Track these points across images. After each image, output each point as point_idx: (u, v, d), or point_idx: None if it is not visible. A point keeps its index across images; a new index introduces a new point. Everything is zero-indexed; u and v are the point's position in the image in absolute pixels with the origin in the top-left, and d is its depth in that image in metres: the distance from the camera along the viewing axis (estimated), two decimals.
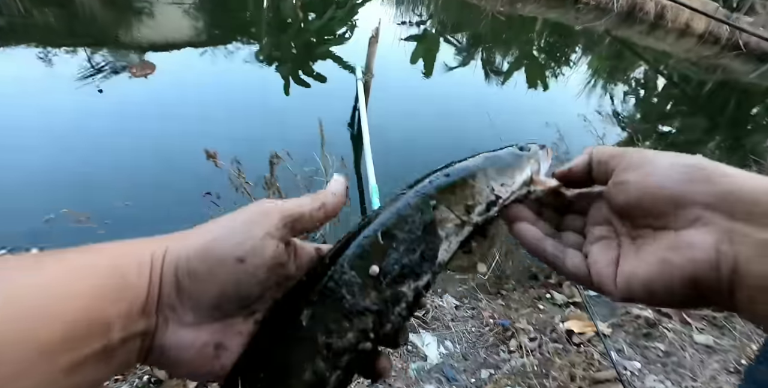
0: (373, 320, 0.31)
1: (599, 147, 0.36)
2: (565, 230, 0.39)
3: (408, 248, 0.33)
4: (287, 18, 6.69)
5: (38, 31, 5.08)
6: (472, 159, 0.40)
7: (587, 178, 0.37)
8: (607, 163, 0.34)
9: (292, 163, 2.00)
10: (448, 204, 0.36)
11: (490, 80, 5.70)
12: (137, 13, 5.95)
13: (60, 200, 2.45)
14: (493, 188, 0.37)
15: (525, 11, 9.01)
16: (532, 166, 0.40)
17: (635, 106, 6.11)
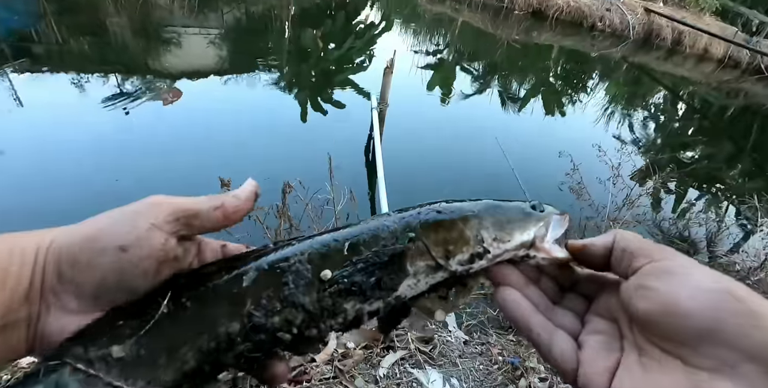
0: (303, 318, 0.30)
1: (627, 234, 0.33)
2: (562, 308, 0.35)
3: (367, 269, 0.31)
4: (308, 47, 6.93)
5: (73, 58, 5.40)
6: (474, 202, 0.36)
7: (604, 262, 0.33)
8: (633, 256, 0.31)
9: (304, 192, 2.03)
10: (427, 241, 0.33)
11: (506, 107, 5.73)
12: (166, 43, 6.27)
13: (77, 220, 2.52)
14: (483, 240, 0.34)
15: (541, 39, 9.13)
16: (539, 230, 0.35)
17: (655, 132, 6.03)
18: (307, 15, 8.56)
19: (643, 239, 0.32)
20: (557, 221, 0.37)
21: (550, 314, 0.34)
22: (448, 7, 10.54)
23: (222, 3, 8.50)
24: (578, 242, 0.35)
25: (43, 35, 6.10)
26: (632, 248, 0.31)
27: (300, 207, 2.07)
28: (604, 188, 2.55)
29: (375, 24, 8.72)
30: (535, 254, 0.35)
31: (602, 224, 2.36)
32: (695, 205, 4.10)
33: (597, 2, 10.04)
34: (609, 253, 0.33)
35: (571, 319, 0.34)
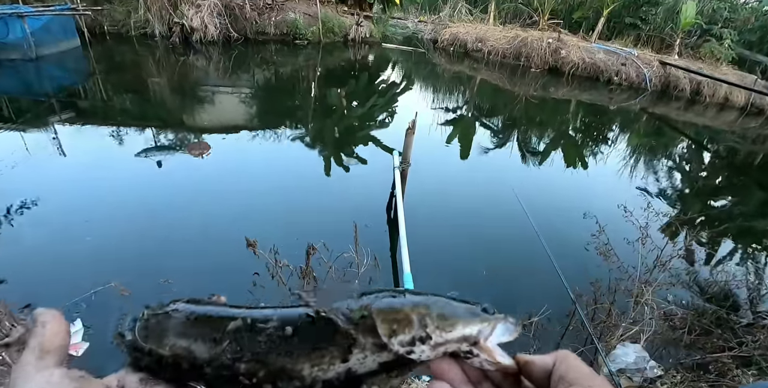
0: (264, 372, 0.35)
1: (569, 358, 0.34)
2: None
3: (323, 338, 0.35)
4: (332, 105, 7.28)
5: (114, 113, 5.82)
6: (432, 296, 0.39)
7: (544, 379, 0.34)
8: (569, 384, 0.32)
9: (327, 254, 2.05)
10: (376, 319, 0.35)
11: (527, 161, 5.78)
12: (200, 100, 6.71)
13: (110, 271, 2.61)
14: (426, 325, 0.36)
15: (558, 94, 9.36)
16: (483, 329, 0.37)
17: (681, 183, 5.92)
18: (332, 75, 9.08)
19: (581, 366, 0.33)
20: (506, 327, 0.38)
21: None
22: (466, 67, 11.04)
23: (254, 65, 9.14)
24: (525, 356, 0.36)
25: (89, 92, 6.66)
26: (569, 377, 0.32)
27: (323, 269, 2.09)
28: (633, 249, 2.48)
29: (396, 83, 9.16)
30: (478, 352, 0.36)
31: (633, 287, 2.28)
32: (731, 261, 3.92)
33: (612, 57, 10.34)
34: (549, 374, 0.34)
35: None
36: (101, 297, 2.42)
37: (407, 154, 3.17)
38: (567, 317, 2.17)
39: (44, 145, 4.59)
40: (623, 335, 2.17)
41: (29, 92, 6.40)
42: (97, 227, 3.25)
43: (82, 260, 2.88)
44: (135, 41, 9.25)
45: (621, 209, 2.62)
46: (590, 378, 0.32)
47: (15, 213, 3.37)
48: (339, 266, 1.99)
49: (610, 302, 2.24)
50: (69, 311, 2.38)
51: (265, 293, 2.09)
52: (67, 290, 2.44)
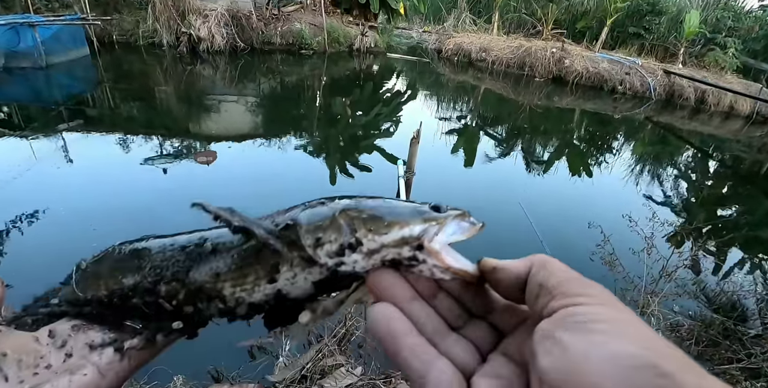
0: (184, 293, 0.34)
1: (549, 263, 0.27)
2: (461, 335, 0.29)
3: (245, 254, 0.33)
4: (337, 114, 7.33)
5: (122, 121, 5.89)
6: (364, 198, 0.34)
7: (516, 291, 0.28)
8: (550, 294, 0.25)
9: None
10: (299, 229, 0.31)
11: (531, 170, 5.78)
12: (206, 109, 6.78)
13: None
14: (356, 229, 0.30)
15: (562, 104, 9.38)
16: (428, 229, 0.30)
17: (687, 192, 5.90)
18: (337, 85, 9.16)
19: (567, 271, 0.26)
20: (458, 225, 0.31)
21: (440, 338, 0.28)
22: (470, 76, 11.10)
23: (260, 74, 9.24)
24: (491, 261, 0.29)
25: (98, 100, 6.76)
26: (550, 283, 0.25)
27: None
28: (638, 259, 2.47)
29: (401, 92, 9.22)
30: (425, 258, 0.29)
31: (639, 297, 2.26)
32: (739, 271, 3.89)
33: (616, 67, 10.38)
34: (524, 281, 0.27)
35: (467, 350, 0.27)
36: None
37: (412, 163, 3.19)
38: None
39: (52, 152, 4.64)
40: None
41: (39, 100, 6.50)
42: (102, 234, 3.27)
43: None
44: (143, 50, 9.39)
45: (626, 219, 2.62)
46: (581, 285, 0.25)
47: (22, 219, 3.40)
48: None
49: None
50: None
51: None
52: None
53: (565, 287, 0.25)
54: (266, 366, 1.94)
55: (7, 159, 4.43)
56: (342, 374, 1.62)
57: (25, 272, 2.84)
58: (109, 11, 9.29)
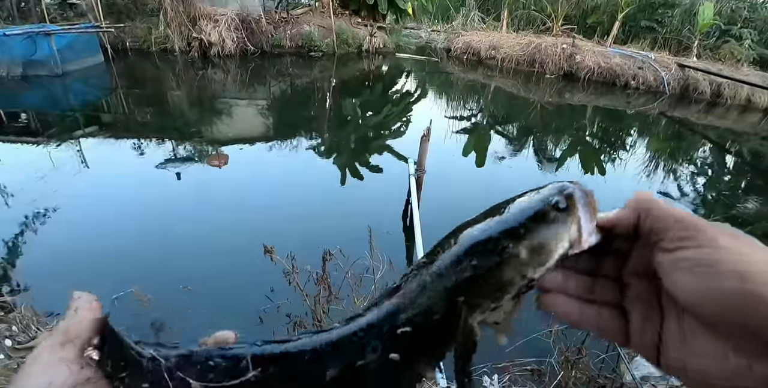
0: None
1: (654, 208, 0.29)
2: (601, 278, 0.33)
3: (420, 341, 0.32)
4: (347, 116, 7.36)
5: (136, 126, 5.99)
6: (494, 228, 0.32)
7: (633, 235, 0.31)
8: (663, 236, 0.28)
9: (344, 259, 2.06)
10: (472, 301, 0.31)
11: (543, 168, 5.72)
12: (218, 113, 6.86)
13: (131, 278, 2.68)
14: (525, 275, 0.31)
15: (574, 100, 9.27)
16: (572, 235, 0.31)
17: (704, 188, 5.78)
18: (347, 86, 9.19)
19: (677, 211, 0.28)
20: (585, 209, 0.32)
21: (591, 294, 0.32)
22: (480, 75, 11.04)
23: (270, 77, 9.32)
24: (605, 220, 0.32)
25: (112, 106, 6.89)
26: (657, 228, 0.28)
27: (339, 274, 2.10)
28: None
29: (410, 92, 9.22)
30: (573, 251, 0.32)
31: None
32: None
33: (628, 61, 10.22)
34: (634, 230, 0.30)
35: (611, 289, 0.32)
36: (122, 303, 2.47)
37: (422, 161, 3.18)
38: None
39: (69, 158, 4.74)
40: None
41: (55, 107, 6.65)
42: (118, 237, 3.33)
43: (104, 268, 2.96)
44: (155, 56, 9.54)
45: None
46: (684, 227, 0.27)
47: (39, 223, 3.48)
48: (355, 272, 1.99)
49: None
50: None
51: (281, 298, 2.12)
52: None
53: (672, 232, 0.27)
54: None
55: (26, 165, 4.54)
56: None
57: (42, 272, 2.91)
58: (122, 19, 9.46)
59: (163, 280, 2.86)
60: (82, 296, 0.34)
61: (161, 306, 2.55)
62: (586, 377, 1.88)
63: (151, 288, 2.56)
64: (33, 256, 3.07)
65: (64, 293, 1.25)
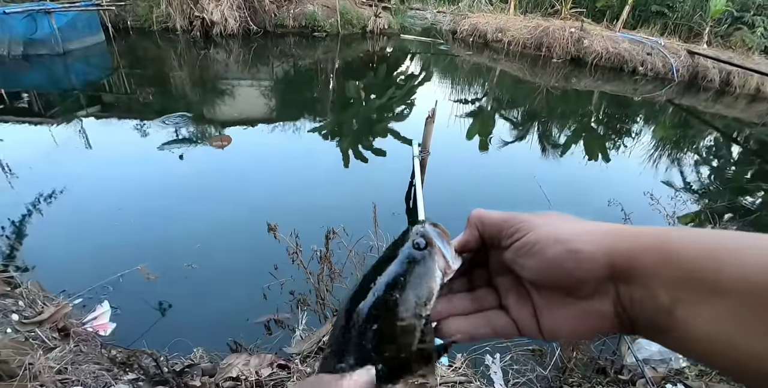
0: None
1: (480, 218, 0.36)
2: (476, 289, 0.38)
3: None
4: (351, 98, 7.28)
5: (138, 106, 5.95)
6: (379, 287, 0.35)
7: (482, 246, 0.37)
8: (497, 238, 0.35)
9: (347, 238, 2.06)
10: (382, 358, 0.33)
11: (547, 154, 5.68)
12: (221, 93, 6.79)
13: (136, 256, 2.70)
14: (421, 314, 0.34)
15: (580, 86, 9.15)
16: (440, 265, 0.36)
17: (710, 177, 5.74)
18: (351, 68, 9.07)
19: (499, 214, 0.35)
20: (441, 241, 0.37)
21: (476, 305, 0.37)
22: (486, 58, 10.87)
23: (273, 57, 9.20)
24: (458, 244, 0.37)
25: (114, 85, 6.82)
26: (495, 232, 0.35)
27: (343, 253, 2.10)
28: None
29: (415, 75, 9.10)
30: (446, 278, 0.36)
31: None
32: None
33: (637, 47, 10.04)
34: (480, 242, 0.37)
35: (489, 295, 0.37)
36: (127, 280, 2.50)
37: (427, 142, 3.16)
38: None
39: (72, 138, 4.72)
40: None
41: (57, 86, 6.59)
42: (123, 216, 3.34)
43: (110, 247, 2.98)
44: (157, 36, 9.40)
45: (647, 197, 2.55)
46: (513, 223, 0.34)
47: (44, 202, 3.49)
48: (359, 251, 2.00)
49: None
50: (97, 294, 2.47)
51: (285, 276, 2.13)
52: (96, 274, 2.52)
53: (504, 231, 0.34)
54: (283, 339, 1.97)
55: (29, 145, 4.53)
56: None
57: (48, 251, 2.93)
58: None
59: (167, 257, 2.88)
60: None
61: (166, 284, 2.57)
62: (586, 358, 1.90)
63: (156, 266, 2.59)
64: (37, 235, 3.09)
65: (68, 270, 1.28)
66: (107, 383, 1.35)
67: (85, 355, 1.64)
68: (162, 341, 2.07)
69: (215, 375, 1.43)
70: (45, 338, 1.77)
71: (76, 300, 2.34)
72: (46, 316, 2.05)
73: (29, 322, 2.00)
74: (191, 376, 1.37)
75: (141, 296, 2.54)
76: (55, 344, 1.80)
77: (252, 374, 1.38)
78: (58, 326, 1.99)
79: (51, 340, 1.84)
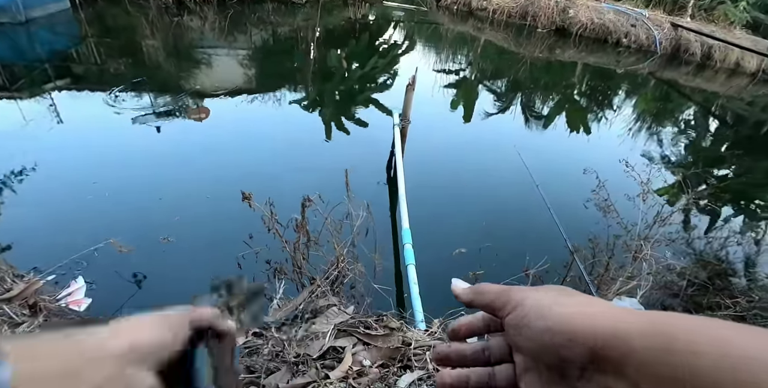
0: None
1: (478, 292, 0.35)
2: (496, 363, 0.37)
3: None
4: (332, 67, 7.09)
5: (110, 78, 5.68)
6: None
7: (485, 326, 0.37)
8: (493, 311, 0.34)
9: (324, 206, 2.04)
10: None
11: (529, 125, 5.68)
12: (196, 63, 6.54)
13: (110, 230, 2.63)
14: None
15: (564, 57, 9.07)
16: None
17: (686, 149, 5.84)
18: (332, 36, 8.79)
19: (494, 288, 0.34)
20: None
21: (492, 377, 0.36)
22: (470, 26, 10.65)
23: (250, 25, 8.84)
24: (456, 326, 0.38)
25: (83, 56, 6.49)
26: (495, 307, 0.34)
27: (319, 220, 2.08)
28: (633, 205, 2.45)
29: (398, 44, 8.88)
30: None
31: (632, 243, 2.26)
32: (731, 223, 3.91)
33: (622, 18, 9.96)
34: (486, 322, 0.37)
35: (505, 370, 0.36)
36: (101, 255, 2.44)
37: (407, 111, 3.10)
38: (564, 267, 2.17)
39: (41, 113, 4.50)
40: (620, 289, 2.18)
41: (22, 58, 6.22)
42: (95, 190, 3.24)
43: (83, 221, 2.90)
44: (126, 2, 8.91)
45: (622, 164, 2.58)
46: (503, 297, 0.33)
47: (15, 178, 3.35)
48: (335, 218, 1.98)
49: (608, 257, 2.23)
50: (71, 269, 2.41)
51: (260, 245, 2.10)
52: (69, 249, 2.45)
53: (496, 304, 0.33)
54: None
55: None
56: (334, 312, 1.63)
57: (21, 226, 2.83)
58: None
59: (142, 230, 2.82)
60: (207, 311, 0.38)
61: (141, 257, 2.53)
62: None
63: (131, 240, 2.53)
64: (8, 210, 2.98)
65: (41, 248, 1.22)
66: None
67: None
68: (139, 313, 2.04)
69: None
70: (13, 315, 1.73)
71: (49, 277, 2.28)
72: (15, 293, 1.99)
73: None
74: None
75: (116, 269, 2.49)
76: (23, 320, 1.76)
77: None
78: (28, 303, 1.94)
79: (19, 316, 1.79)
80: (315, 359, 1.39)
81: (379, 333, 1.56)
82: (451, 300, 0.37)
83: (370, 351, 1.49)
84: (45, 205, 3.10)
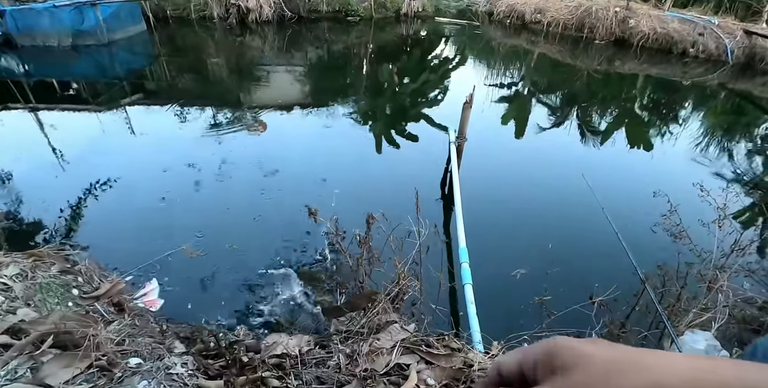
0: None
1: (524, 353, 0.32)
2: None
3: None
4: (384, 82, 7.23)
5: (178, 93, 6.12)
6: None
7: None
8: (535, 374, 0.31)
9: (386, 223, 2.08)
10: None
11: (586, 141, 5.48)
12: (256, 79, 6.90)
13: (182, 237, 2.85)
14: None
15: (624, 69, 8.71)
16: None
17: (765, 168, 5.40)
18: (384, 52, 8.98)
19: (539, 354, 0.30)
20: None
21: None
22: (523, 40, 10.51)
23: (307, 43, 9.22)
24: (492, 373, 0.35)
25: (155, 73, 7.05)
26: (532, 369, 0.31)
27: (381, 238, 2.13)
28: (708, 231, 2.30)
29: (449, 59, 8.92)
30: None
31: (706, 272, 2.13)
32: None
33: (688, 27, 9.45)
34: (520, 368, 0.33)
35: None
36: (174, 259, 2.62)
37: (464, 128, 3.11)
38: (634, 296, 2.08)
39: (117, 125, 4.94)
40: (693, 321, 2.06)
41: (103, 75, 6.87)
42: (168, 200, 3.49)
43: (157, 229, 3.12)
44: (195, 24, 9.60)
45: (697, 188, 2.44)
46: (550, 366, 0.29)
47: (96, 188, 3.69)
48: (397, 236, 2.01)
49: (681, 286, 2.11)
50: (146, 272, 2.60)
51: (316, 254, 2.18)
52: (145, 253, 2.66)
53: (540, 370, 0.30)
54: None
55: (78, 131, 4.77)
56: (396, 329, 1.66)
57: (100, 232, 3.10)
58: None
59: (211, 238, 3.00)
60: None
61: (211, 261, 2.69)
62: None
63: (200, 244, 2.71)
64: (91, 217, 3.28)
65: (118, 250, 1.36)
66: (161, 355, 1.44)
67: (140, 328, 1.74)
68: (206, 317, 2.17)
69: (260, 352, 1.49)
70: (103, 312, 1.89)
71: (126, 277, 2.48)
72: (102, 291, 2.18)
73: (88, 296, 2.14)
74: (238, 351, 1.44)
75: (187, 273, 2.67)
76: (113, 317, 1.92)
77: (295, 352, 1.43)
78: (113, 301, 2.12)
79: (109, 314, 1.96)
80: (381, 375, 1.42)
81: (441, 353, 1.57)
82: (511, 321, 0.36)
83: (434, 370, 1.50)
84: (121, 211, 3.39)
